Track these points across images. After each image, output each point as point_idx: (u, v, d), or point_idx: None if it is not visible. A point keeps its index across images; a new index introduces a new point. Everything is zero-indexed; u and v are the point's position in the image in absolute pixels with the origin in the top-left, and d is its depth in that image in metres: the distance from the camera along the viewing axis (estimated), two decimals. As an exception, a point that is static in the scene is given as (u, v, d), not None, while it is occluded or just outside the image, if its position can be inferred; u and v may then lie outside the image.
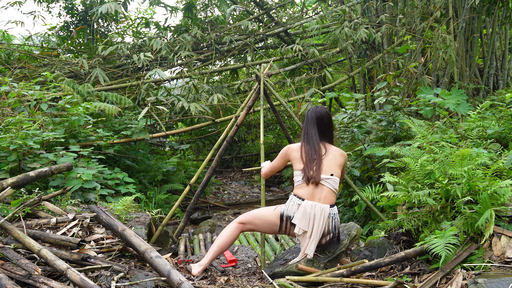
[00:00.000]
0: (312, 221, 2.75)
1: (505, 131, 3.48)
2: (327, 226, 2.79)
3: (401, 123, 4.60)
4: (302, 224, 2.75)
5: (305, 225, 2.75)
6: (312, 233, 2.75)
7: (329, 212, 2.79)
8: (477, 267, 2.18)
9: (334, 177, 2.84)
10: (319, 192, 2.81)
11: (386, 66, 7.02)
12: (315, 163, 2.83)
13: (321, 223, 2.75)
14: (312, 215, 2.75)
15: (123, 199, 3.49)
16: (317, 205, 2.76)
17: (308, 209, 2.75)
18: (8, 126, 4.18)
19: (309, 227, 2.75)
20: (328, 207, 2.78)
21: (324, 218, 2.76)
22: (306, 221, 2.75)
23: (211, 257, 2.89)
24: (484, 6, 6.08)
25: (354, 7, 8.01)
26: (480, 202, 2.35)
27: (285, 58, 8.21)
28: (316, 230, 2.74)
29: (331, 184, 2.83)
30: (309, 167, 2.84)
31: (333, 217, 2.81)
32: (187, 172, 7.72)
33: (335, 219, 2.82)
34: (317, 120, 2.96)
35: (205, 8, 9.60)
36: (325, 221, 2.76)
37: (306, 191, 2.82)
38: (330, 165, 2.86)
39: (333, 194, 2.84)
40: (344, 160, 2.97)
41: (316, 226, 2.74)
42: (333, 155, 2.91)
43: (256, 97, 4.23)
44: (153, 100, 5.95)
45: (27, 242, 2.39)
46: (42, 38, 9.09)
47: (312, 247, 2.76)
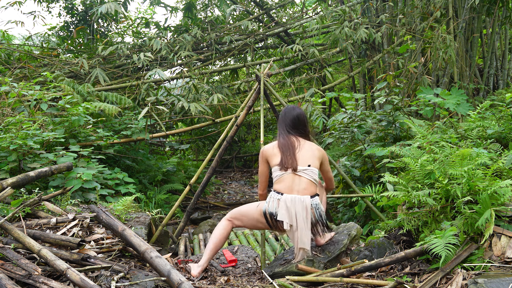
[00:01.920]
0: (294, 215, 2.73)
1: (505, 131, 3.48)
2: (313, 216, 2.77)
3: (401, 123, 4.60)
4: (286, 218, 2.74)
5: (289, 219, 2.74)
6: (298, 226, 2.72)
7: (311, 203, 2.76)
8: (477, 267, 2.18)
9: (312, 167, 2.82)
10: (298, 184, 2.79)
11: (386, 66, 7.02)
12: (290, 153, 2.84)
13: (304, 215, 2.72)
14: (294, 209, 2.73)
15: (123, 199, 3.49)
16: (296, 197, 2.74)
17: (289, 204, 2.73)
18: (8, 126, 4.18)
19: (293, 221, 2.73)
20: (308, 198, 2.75)
21: (307, 209, 2.73)
22: (289, 216, 2.74)
23: (208, 256, 2.89)
24: (484, 6, 6.08)
25: (354, 7, 8.01)
26: (480, 202, 2.35)
27: (285, 58, 8.21)
28: (302, 223, 2.72)
29: (309, 174, 2.80)
30: (286, 156, 2.84)
31: (315, 207, 2.78)
32: (187, 172, 7.72)
33: (318, 208, 2.79)
34: (290, 117, 2.98)
35: (205, 8, 9.60)
36: (308, 212, 2.74)
37: (284, 185, 2.80)
38: (306, 156, 2.86)
39: (313, 184, 2.81)
40: (321, 154, 2.94)
41: (300, 219, 2.72)
42: (309, 147, 2.91)
43: (256, 97, 4.23)
44: (153, 100, 5.95)
45: (27, 242, 2.39)
46: (42, 38, 9.09)
47: (305, 240, 2.73)
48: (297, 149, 2.87)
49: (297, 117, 2.98)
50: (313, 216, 2.78)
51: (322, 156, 2.95)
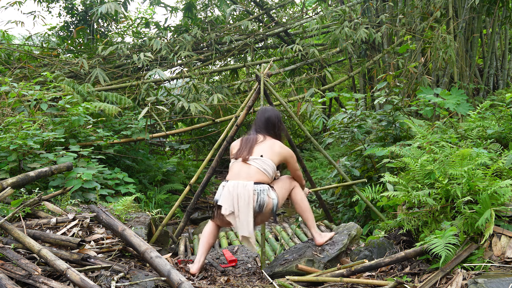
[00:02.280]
0: (236, 199, 2.69)
1: (505, 131, 3.48)
2: (254, 202, 2.70)
3: (401, 123, 4.59)
4: (227, 204, 2.71)
5: (230, 204, 2.70)
6: (239, 212, 2.68)
7: (254, 188, 2.70)
8: (477, 267, 2.18)
9: (264, 158, 2.82)
10: (245, 171, 2.79)
11: (386, 66, 7.02)
12: (247, 146, 2.89)
13: (246, 199, 2.67)
14: (236, 193, 2.69)
15: (123, 199, 3.49)
16: (239, 183, 2.72)
17: (231, 188, 2.72)
18: (8, 126, 4.18)
19: (234, 206, 2.69)
20: (251, 183, 2.71)
21: (248, 194, 2.68)
22: (230, 201, 2.70)
23: (202, 252, 2.90)
24: (484, 6, 6.08)
25: (354, 7, 8.01)
26: (480, 202, 2.35)
27: (285, 58, 8.21)
28: (244, 208, 2.67)
29: (259, 163, 2.80)
30: (242, 147, 2.90)
31: (259, 193, 2.72)
32: (187, 172, 7.71)
33: (261, 194, 2.72)
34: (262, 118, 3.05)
35: (205, 8, 9.60)
36: (250, 196, 2.67)
37: (232, 172, 2.83)
38: (263, 149, 2.87)
39: (261, 173, 2.78)
40: (284, 152, 2.92)
41: (242, 204, 2.67)
42: (271, 144, 2.92)
43: (256, 97, 4.23)
44: (153, 100, 5.95)
45: (27, 242, 2.39)
46: (42, 38, 9.09)
47: (247, 227, 2.68)
48: (257, 144, 2.90)
49: (268, 118, 3.03)
50: (255, 202, 2.70)
51: (285, 154, 2.93)
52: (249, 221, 2.68)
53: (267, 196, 2.75)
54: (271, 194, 2.78)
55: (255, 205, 2.71)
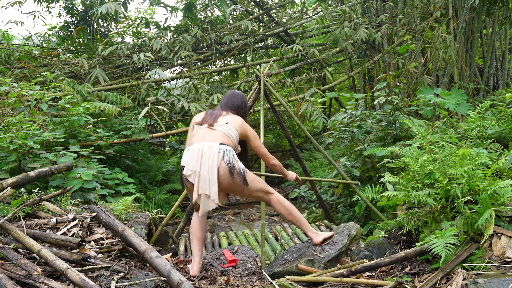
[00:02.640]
0: (200, 158, 2.66)
1: (505, 131, 3.48)
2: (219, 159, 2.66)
3: (401, 123, 4.60)
4: (190, 164, 2.68)
5: (194, 164, 2.67)
6: (201, 171, 2.64)
7: (219, 148, 2.69)
8: (477, 267, 2.18)
9: (229, 125, 2.87)
10: (211, 135, 2.80)
11: (386, 66, 7.02)
12: (212, 116, 2.94)
13: (210, 158, 2.65)
14: (200, 153, 2.68)
15: (123, 199, 3.49)
16: (204, 144, 2.72)
17: (196, 149, 2.71)
18: (8, 126, 4.18)
19: (197, 166, 2.66)
20: (217, 143, 2.71)
21: (213, 153, 2.66)
22: (194, 161, 2.68)
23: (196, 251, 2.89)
24: (484, 6, 6.08)
25: (354, 7, 8.01)
26: (480, 202, 2.35)
27: (285, 58, 8.21)
28: (208, 166, 2.63)
29: (224, 129, 2.83)
30: (207, 116, 2.95)
31: (224, 151, 2.70)
32: (187, 172, 7.70)
33: (227, 153, 2.70)
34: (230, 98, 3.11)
35: (205, 8, 9.60)
36: (215, 155, 2.65)
37: (197, 137, 2.83)
38: (227, 119, 2.93)
39: (227, 137, 2.80)
40: (246, 126, 2.97)
41: (206, 162, 2.64)
42: (234, 117, 2.98)
43: (256, 97, 4.23)
44: (153, 100, 5.95)
45: (27, 242, 2.39)
46: (42, 38, 9.09)
47: (207, 186, 2.63)
48: (222, 116, 2.96)
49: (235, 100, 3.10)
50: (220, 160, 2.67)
51: (246, 128, 2.97)
52: (213, 180, 2.63)
53: (232, 157, 2.72)
54: (236, 157, 2.77)
55: (221, 162, 2.66)
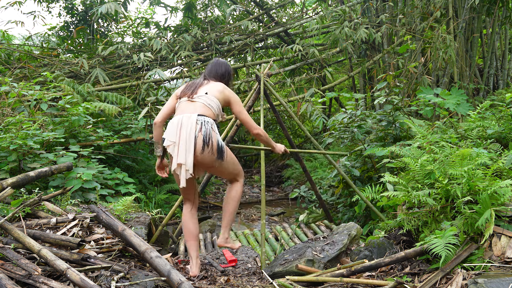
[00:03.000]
0: (179, 129, 2.68)
1: (505, 131, 3.48)
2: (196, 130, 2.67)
3: (401, 123, 4.60)
4: (170, 136, 2.71)
5: (173, 136, 2.69)
6: (180, 140, 2.66)
7: (197, 119, 2.70)
8: (477, 267, 2.18)
9: (209, 95, 2.84)
10: (190, 106, 2.80)
11: (386, 66, 7.02)
12: (192, 88, 2.91)
13: (188, 129, 2.66)
14: (179, 124, 2.70)
15: (123, 199, 3.49)
16: (184, 115, 2.73)
17: (175, 122, 2.73)
18: (8, 126, 4.18)
19: (176, 136, 2.68)
20: (195, 115, 2.72)
21: (191, 124, 2.67)
22: (173, 133, 2.70)
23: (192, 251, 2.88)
24: (484, 6, 6.08)
25: (354, 7, 8.01)
26: (480, 202, 2.35)
27: (285, 58, 8.21)
28: (186, 136, 2.65)
29: (203, 99, 2.82)
30: (187, 88, 2.92)
31: (202, 123, 2.70)
32: (187, 172, 7.70)
33: (205, 125, 2.70)
34: (214, 66, 3.10)
35: (205, 8, 9.60)
36: (192, 126, 2.66)
37: (178, 111, 2.84)
38: (207, 88, 2.89)
39: (206, 108, 2.80)
40: (228, 92, 2.94)
41: (184, 132, 2.66)
42: (216, 85, 2.95)
43: (256, 97, 4.23)
44: (153, 100, 5.95)
45: (27, 242, 2.39)
46: (42, 38, 9.09)
47: (189, 158, 2.63)
48: (202, 86, 2.92)
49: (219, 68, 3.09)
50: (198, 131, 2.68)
51: (228, 94, 2.94)
52: (189, 149, 2.65)
53: (211, 129, 2.73)
54: (215, 129, 2.77)
55: (198, 134, 2.68)
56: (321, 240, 3.22)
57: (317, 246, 3.06)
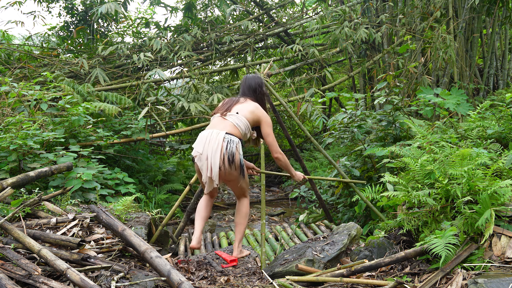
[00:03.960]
0: (207, 143, 2.94)
1: (505, 131, 3.48)
2: (222, 148, 2.92)
3: (401, 123, 4.60)
4: (198, 147, 2.97)
5: (200, 147, 2.95)
6: (208, 156, 2.92)
7: (224, 136, 2.95)
8: (477, 267, 2.18)
9: (239, 115, 3.08)
10: (221, 123, 3.06)
11: (386, 66, 7.02)
12: (227, 106, 3.18)
13: (215, 144, 2.92)
14: (209, 138, 2.96)
15: (123, 199, 3.49)
16: (214, 131, 3.00)
17: (204, 135, 3.00)
18: (8, 126, 4.18)
19: (204, 149, 2.94)
20: (224, 132, 2.97)
21: (218, 140, 2.93)
22: (201, 144, 2.96)
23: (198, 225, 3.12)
24: (484, 6, 6.08)
25: (354, 7, 8.01)
26: (480, 202, 2.35)
27: (285, 58, 8.21)
28: (212, 151, 2.90)
29: (233, 119, 3.06)
30: (222, 106, 3.20)
31: (228, 141, 2.94)
32: (187, 172, 7.71)
33: (231, 143, 2.95)
34: (246, 83, 3.32)
35: (205, 8, 9.60)
36: (219, 143, 2.91)
37: (210, 125, 3.12)
38: (240, 108, 3.13)
39: (234, 127, 3.04)
40: (258, 112, 3.14)
41: (211, 147, 2.92)
42: (249, 104, 3.17)
43: (256, 97, 4.22)
44: (153, 100, 5.95)
45: (27, 242, 2.39)
46: (42, 38, 9.09)
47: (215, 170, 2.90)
48: (237, 104, 3.17)
49: (249, 85, 3.30)
50: (224, 149, 2.93)
51: (258, 114, 3.15)
52: (215, 163, 2.91)
53: (235, 148, 2.97)
54: (239, 148, 3.00)
55: (224, 151, 2.93)
56: (321, 240, 3.22)
57: (317, 246, 3.06)
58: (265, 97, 3.40)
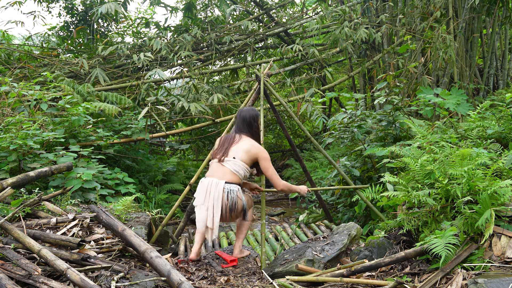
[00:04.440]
0: (208, 193, 3.02)
1: (505, 131, 3.48)
2: (222, 199, 3.00)
3: (401, 123, 4.59)
4: (199, 197, 3.06)
5: (202, 198, 3.04)
6: (208, 206, 3.01)
7: (224, 186, 3.02)
8: (477, 267, 2.18)
9: (236, 160, 3.12)
10: (220, 170, 3.11)
11: (386, 66, 7.02)
12: (224, 147, 3.20)
13: (216, 195, 3.00)
14: (209, 188, 3.04)
15: (123, 199, 3.49)
16: (213, 180, 3.06)
17: (205, 184, 3.07)
18: (8, 126, 4.18)
19: (205, 200, 3.02)
20: (223, 182, 3.04)
21: (218, 191, 3.01)
22: (203, 194, 3.04)
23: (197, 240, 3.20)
24: (484, 6, 6.08)
25: (354, 7, 8.01)
26: (480, 202, 2.35)
27: (285, 58, 8.21)
28: (213, 202, 2.99)
29: (231, 165, 3.10)
30: (219, 148, 3.22)
31: (228, 192, 3.03)
32: (187, 172, 7.71)
33: (231, 193, 3.03)
34: (241, 117, 3.33)
35: (205, 8, 9.60)
36: (219, 193, 3.00)
37: (210, 171, 3.18)
38: (237, 150, 3.15)
39: (233, 174, 3.10)
40: (255, 151, 3.16)
41: (211, 198, 3.00)
42: (245, 143, 3.19)
43: (256, 97, 4.23)
44: (153, 100, 5.95)
45: (27, 242, 2.39)
46: (42, 38, 9.08)
47: (216, 220, 2.98)
48: (233, 144, 3.19)
49: (243, 118, 3.31)
50: (226, 200, 3.02)
51: (255, 152, 3.17)
52: (215, 214, 2.99)
53: (236, 196, 3.06)
54: (240, 194, 3.08)
55: (227, 202, 3.03)
56: (321, 240, 3.22)
57: (317, 246, 3.06)
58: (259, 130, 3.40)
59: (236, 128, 3.33)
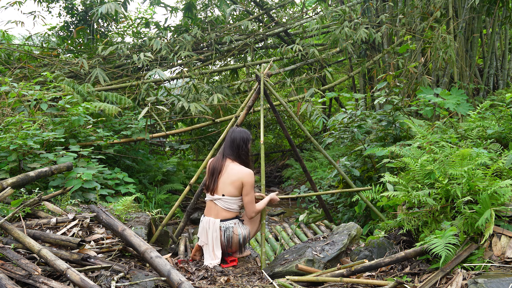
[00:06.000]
0: (209, 234, 3.23)
1: (505, 131, 3.48)
2: (220, 237, 3.20)
3: (401, 123, 4.59)
4: (202, 237, 3.29)
5: (204, 238, 3.27)
6: (209, 245, 3.23)
7: (220, 226, 3.21)
8: (477, 267, 2.18)
9: (225, 197, 3.22)
10: (214, 209, 3.27)
11: (386, 66, 7.02)
12: (213, 178, 3.27)
13: (214, 234, 3.21)
14: (206, 229, 3.25)
15: (123, 199, 3.49)
16: (210, 220, 3.25)
17: (204, 224, 3.28)
18: (8, 126, 4.18)
19: (207, 239, 3.24)
20: (218, 221, 3.22)
21: (215, 230, 3.21)
22: (204, 235, 3.27)
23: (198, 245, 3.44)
24: (484, 6, 6.08)
25: (354, 7, 8.01)
26: (480, 202, 2.35)
27: (285, 58, 8.21)
28: (212, 241, 3.20)
29: (222, 204, 3.24)
30: (210, 179, 3.30)
31: (224, 230, 3.21)
32: (187, 172, 7.71)
33: (227, 231, 3.21)
34: (230, 138, 3.32)
35: (205, 8, 9.59)
36: (217, 232, 3.20)
37: (206, 208, 3.34)
38: (223, 184, 3.23)
39: (227, 211, 3.24)
40: (239, 180, 3.18)
41: (210, 237, 3.22)
42: (229, 174, 3.22)
43: (256, 97, 4.23)
44: (153, 100, 5.94)
45: (27, 242, 2.39)
46: (42, 38, 9.08)
47: (217, 257, 3.17)
48: (220, 176, 3.25)
49: (233, 140, 3.30)
50: (223, 238, 3.21)
51: (240, 181, 3.20)
52: (217, 248, 3.21)
53: (232, 233, 3.23)
54: (236, 230, 3.24)
55: (224, 240, 3.22)
56: (321, 240, 3.22)
57: (317, 246, 3.06)
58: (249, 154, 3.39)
59: (223, 149, 3.31)
